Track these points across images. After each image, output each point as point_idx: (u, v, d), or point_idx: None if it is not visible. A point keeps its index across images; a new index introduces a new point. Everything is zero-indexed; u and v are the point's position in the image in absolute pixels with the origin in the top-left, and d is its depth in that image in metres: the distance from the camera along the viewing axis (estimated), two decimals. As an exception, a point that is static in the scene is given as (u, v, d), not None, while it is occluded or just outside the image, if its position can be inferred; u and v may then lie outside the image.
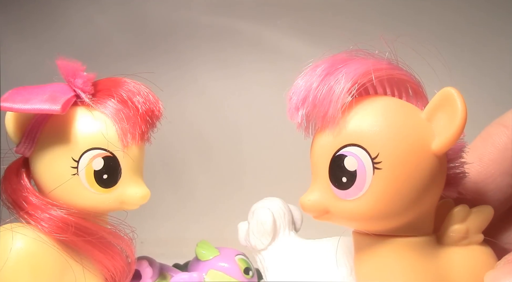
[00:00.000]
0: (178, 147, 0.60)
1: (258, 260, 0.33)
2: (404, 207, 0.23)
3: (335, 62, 0.24)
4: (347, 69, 0.23)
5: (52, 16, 0.59)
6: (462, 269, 0.24)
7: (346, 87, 0.23)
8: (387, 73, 0.24)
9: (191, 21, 0.60)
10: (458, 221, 0.24)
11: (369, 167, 0.22)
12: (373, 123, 0.23)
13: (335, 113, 0.23)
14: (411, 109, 0.24)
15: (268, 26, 0.60)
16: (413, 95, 0.24)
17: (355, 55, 0.24)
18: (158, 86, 0.30)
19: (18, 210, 0.28)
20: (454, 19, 0.57)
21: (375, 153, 0.22)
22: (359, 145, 0.23)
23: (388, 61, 0.24)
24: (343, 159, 0.23)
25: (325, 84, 0.23)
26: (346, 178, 0.23)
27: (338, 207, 0.24)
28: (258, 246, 0.33)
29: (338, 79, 0.23)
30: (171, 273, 0.33)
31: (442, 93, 0.23)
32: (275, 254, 0.32)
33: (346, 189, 0.23)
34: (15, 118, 0.28)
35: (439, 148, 0.22)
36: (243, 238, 0.34)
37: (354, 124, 0.23)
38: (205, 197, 0.60)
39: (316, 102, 0.23)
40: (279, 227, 0.33)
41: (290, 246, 0.32)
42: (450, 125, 0.22)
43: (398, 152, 0.22)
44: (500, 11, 0.56)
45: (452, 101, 0.22)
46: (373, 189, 0.22)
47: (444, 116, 0.22)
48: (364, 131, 0.23)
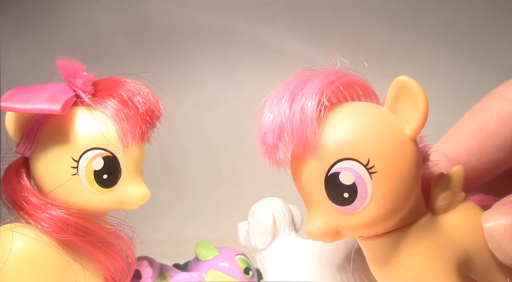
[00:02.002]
0: (178, 147, 0.60)
1: (258, 260, 0.33)
2: (406, 196, 0.23)
3: (293, 89, 0.24)
4: (308, 88, 0.24)
5: (52, 16, 0.59)
6: (464, 227, 0.25)
7: (314, 108, 0.23)
8: (340, 82, 0.24)
9: (191, 21, 0.60)
10: (442, 189, 0.25)
11: (365, 175, 0.23)
12: (353, 132, 0.23)
13: (315, 136, 0.23)
14: (374, 107, 0.24)
15: (268, 26, 0.60)
16: (363, 95, 0.25)
17: (307, 76, 0.25)
18: (158, 86, 0.30)
19: (18, 210, 0.28)
20: (453, 19, 0.57)
21: (366, 160, 0.23)
22: (348, 158, 0.23)
23: (333, 71, 0.25)
24: (337, 176, 0.23)
25: (295, 113, 0.23)
26: (348, 193, 0.23)
27: (349, 223, 0.24)
28: (258, 246, 0.33)
29: (303, 104, 0.23)
30: (171, 273, 0.33)
31: (395, 84, 0.23)
32: (275, 254, 0.32)
33: (351, 203, 0.23)
34: (15, 118, 0.28)
35: (413, 132, 0.23)
36: (243, 238, 0.34)
37: (335, 139, 0.23)
38: (205, 197, 0.60)
39: (295, 133, 0.23)
40: (279, 227, 0.33)
41: (290, 246, 0.32)
42: (416, 109, 0.23)
43: (385, 149, 0.23)
44: (500, 10, 0.56)
45: (407, 87, 0.23)
46: (377, 192, 0.23)
47: (406, 103, 0.23)
48: (348, 142, 0.23)
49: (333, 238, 0.24)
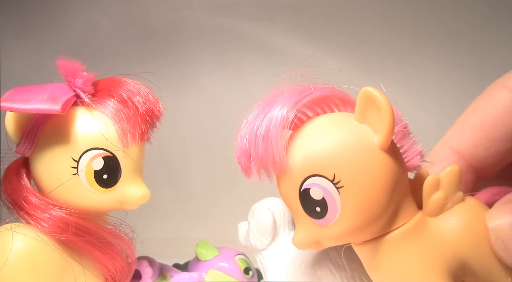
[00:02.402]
0: (178, 147, 0.60)
1: (258, 260, 0.33)
2: (381, 207, 0.23)
3: (261, 108, 0.25)
4: (274, 109, 0.24)
5: (52, 16, 0.59)
6: (459, 229, 0.25)
7: (280, 127, 0.24)
8: (311, 98, 0.24)
9: (191, 21, 0.60)
10: (433, 191, 0.25)
11: (333, 190, 0.23)
12: (318, 149, 0.23)
13: (281, 157, 0.24)
14: (344, 118, 0.24)
15: (268, 26, 0.60)
16: (341, 105, 0.25)
17: (274, 95, 0.25)
18: (158, 86, 0.30)
19: (18, 210, 0.28)
20: (453, 21, 0.57)
21: (332, 175, 0.23)
22: (315, 174, 0.23)
23: (305, 87, 0.25)
24: (308, 192, 0.24)
25: (260, 134, 0.24)
26: (319, 207, 0.24)
27: (326, 235, 0.24)
28: (258, 246, 0.33)
29: (269, 123, 0.24)
30: (171, 273, 0.33)
31: (360, 95, 0.23)
32: (275, 254, 0.32)
33: (323, 217, 0.24)
34: (15, 118, 0.28)
35: (382, 142, 0.23)
36: (243, 238, 0.34)
37: (301, 157, 0.24)
38: (205, 197, 0.60)
39: (260, 156, 0.24)
40: (279, 227, 0.33)
41: (290, 246, 0.32)
42: (382, 119, 0.23)
43: (350, 164, 0.23)
44: (500, 12, 0.56)
45: (372, 98, 0.23)
46: (346, 206, 0.23)
47: (372, 114, 0.23)
48: (313, 160, 0.23)
49: (316, 248, 0.25)
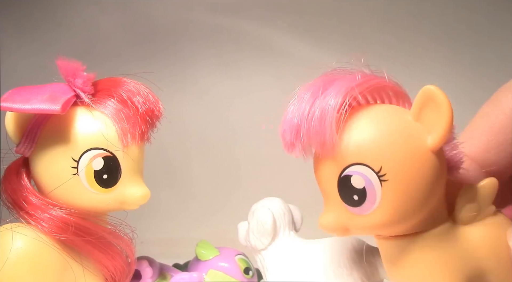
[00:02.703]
0: (178, 147, 0.60)
1: (258, 260, 0.33)
2: (417, 206, 0.23)
3: (315, 90, 0.24)
4: (331, 92, 0.24)
5: (52, 16, 0.59)
6: (485, 242, 0.25)
7: (336, 110, 0.23)
8: (368, 85, 0.24)
9: (192, 21, 0.60)
10: (467, 200, 0.25)
11: (376, 182, 0.23)
12: (369, 139, 0.23)
13: (332, 138, 0.23)
14: (400, 113, 0.24)
15: (268, 26, 0.60)
16: (393, 96, 0.25)
17: (332, 77, 0.25)
18: (158, 86, 0.30)
19: (18, 210, 0.28)
20: (454, 21, 0.57)
21: (378, 167, 0.23)
22: (361, 163, 0.23)
23: (362, 74, 0.25)
24: (349, 179, 0.23)
25: (314, 113, 0.24)
26: (357, 196, 0.23)
27: (357, 223, 0.24)
28: (258, 246, 0.33)
29: (325, 106, 0.23)
30: (171, 273, 0.33)
31: (422, 93, 0.23)
32: (275, 254, 0.32)
33: (359, 205, 0.24)
34: (15, 118, 0.28)
35: (435, 144, 0.23)
36: (243, 238, 0.34)
37: (351, 143, 0.23)
38: (205, 197, 0.60)
39: (311, 134, 0.24)
40: (279, 227, 0.33)
41: (290, 246, 0.32)
42: (440, 120, 0.23)
43: (399, 159, 0.23)
44: (501, 11, 0.56)
45: (435, 98, 0.23)
46: (385, 199, 0.23)
47: (431, 113, 0.23)
48: (363, 148, 0.23)
49: (342, 233, 0.25)
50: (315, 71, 0.25)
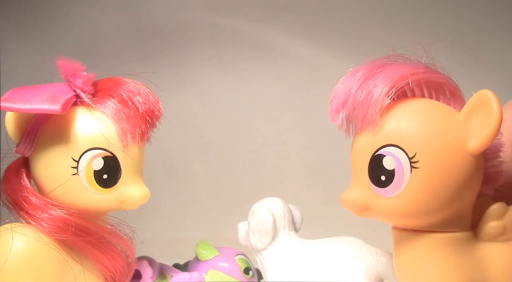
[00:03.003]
0: (178, 147, 0.60)
1: (258, 260, 0.33)
2: (440, 204, 0.24)
3: (373, 67, 0.25)
4: (385, 74, 0.24)
5: (52, 16, 0.59)
6: (501, 264, 0.25)
7: (385, 91, 0.24)
8: (424, 77, 0.25)
9: (191, 21, 0.60)
10: (495, 218, 0.25)
11: (406, 166, 0.23)
12: (411, 124, 0.24)
13: (374, 115, 0.24)
14: (448, 111, 0.25)
15: (268, 26, 0.60)
16: (450, 97, 0.25)
17: (392, 60, 0.25)
18: (158, 86, 0.30)
19: (18, 210, 0.28)
20: (453, 21, 0.57)
21: (413, 153, 0.23)
22: (397, 145, 0.24)
23: (425, 65, 0.25)
24: (381, 158, 0.24)
25: (364, 88, 0.24)
26: (385, 177, 0.24)
27: (378, 204, 0.25)
28: (258, 246, 0.33)
29: (376, 83, 0.24)
30: (171, 273, 0.33)
31: (477, 96, 0.23)
32: (275, 254, 0.32)
33: (385, 187, 0.24)
34: (15, 118, 0.28)
35: (475, 148, 0.23)
36: (243, 238, 0.34)
37: (392, 125, 0.24)
38: (205, 197, 0.60)
39: (356, 105, 0.24)
40: (279, 227, 0.33)
41: (290, 246, 0.32)
42: (486, 126, 0.23)
43: (435, 151, 0.23)
44: (500, 11, 0.56)
45: (488, 103, 0.23)
46: (411, 187, 0.23)
47: (480, 118, 0.23)
48: (401, 132, 0.24)
49: (360, 211, 0.26)
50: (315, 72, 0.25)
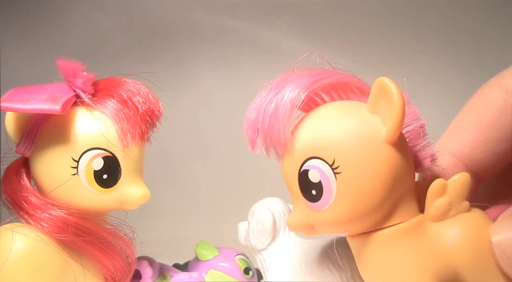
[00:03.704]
0: (178, 147, 0.60)
1: (258, 260, 0.33)
2: (377, 201, 0.23)
3: (274, 85, 0.25)
4: (287, 88, 0.24)
5: (52, 16, 0.59)
6: (457, 239, 0.24)
7: (291, 107, 0.24)
8: (328, 81, 0.24)
9: (191, 21, 0.60)
10: (437, 195, 0.25)
11: (330, 174, 0.23)
12: (322, 132, 0.23)
13: (286, 135, 0.24)
14: (356, 107, 0.24)
15: (268, 26, 0.60)
16: (359, 93, 0.25)
17: (292, 74, 0.25)
18: (158, 86, 0.30)
19: (18, 210, 0.28)
20: (453, 17, 0.57)
21: (331, 160, 0.23)
22: (315, 156, 0.23)
23: (325, 70, 0.25)
24: (307, 173, 0.24)
25: (270, 109, 0.24)
26: (315, 191, 0.24)
27: (318, 220, 0.24)
28: (258, 246, 0.33)
29: (279, 101, 0.24)
30: (171, 273, 0.33)
31: (375, 84, 0.23)
32: (275, 254, 0.32)
33: (318, 200, 0.24)
34: (15, 118, 0.28)
35: (388, 136, 0.23)
36: (243, 238, 0.34)
37: (306, 138, 0.24)
38: (205, 197, 0.60)
39: (266, 131, 0.24)
40: (279, 227, 0.33)
41: (290, 246, 0.32)
42: (391, 112, 0.23)
43: (351, 151, 0.23)
44: (500, 7, 0.56)
45: (386, 88, 0.23)
46: (341, 193, 0.23)
47: (384, 105, 0.23)
48: (316, 142, 0.23)
49: (309, 232, 0.25)
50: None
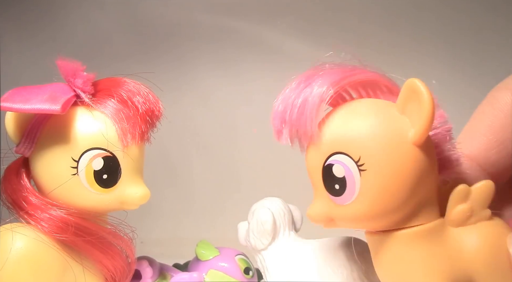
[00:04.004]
0: (178, 147, 0.60)
1: (258, 260, 0.33)
2: (399, 200, 0.23)
3: (305, 78, 0.25)
4: (317, 82, 0.24)
5: (52, 15, 0.59)
6: (476, 247, 0.25)
7: (318, 99, 0.24)
8: (357, 78, 0.25)
9: (191, 21, 0.60)
10: (460, 201, 0.25)
11: (355, 171, 0.23)
12: (350, 128, 0.24)
13: (313, 128, 0.24)
14: (384, 106, 0.24)
15: (268, 26, 0.60)
16: (387, 92, 0.25)
17: (322, 69, 0.25)
18: (158, 86, 0.30)
19: (18, 210, 0.28)
20: (454, 18, 0.57)
21: (357, 156, 0.23)
22: (341, 152, 0.24)
23: (355, 66, 0.25)
24: (331, 168, 0.24)
25: (298, 102, 0.24)
26: (338, 185, 0.24)
27: (339, 214, 0.25)
28: (258, 246, 0.33)
29: (308, 95, 0.24)
30: (171, 273, 0.33)
31: (406, 85, 0.23)
32: (275, 254, 0.32)
33: (340, 195, 0.24)
34: (15, 118, 0.28)
35: (416, 137, 0.23)
36: (243, 238, 0.34)
37: (333, 133, 0.24)
38: (205, 197, 0.60)
39: (294, 122, 0.24)
40: (279, 227, 0.33)
41: (290, 246, 0.32)
42: (420, 114, 0.23)
43: (378, 150, 0.23)
44: (501, 9, 0.56)
45: (417, 90, 0.23)
46: (364, 190, 0.23)
47: (414, 106, 0.23)
48: (343, 137, 0.24)
49: (327, 224, 0.25)
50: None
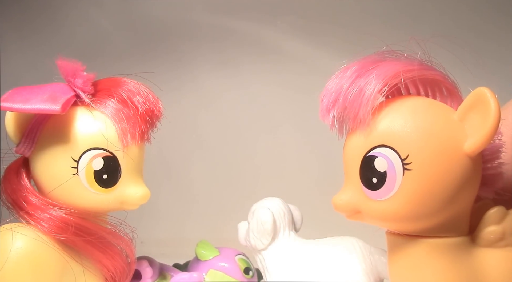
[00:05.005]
0: (178, 147, 0.60)
1: (258, 260, 0.33)
2: (435, 208, 0.23)
3: (366, 64, 0.24)
4: (377, 71, 0.23)
5: (52, 16, 0.59)
6: (499, 271, 0.24)
7: (377, 88, 0.23)
8: (419, 74, 0.23)
9: (191, 21, 0.60)
10: (494, 222, 0.24)
11: (399, 168, 0.22)
12: (403, 124, 0.23)
13: (365, 115, 0.23)
14: (443, 110, 0.23)
15: (268, 26, 0.60)
16: (447, 95, 0.24)
17: (386, 57, 0.24)
18: (158, 86, 0.30)
19: (18, 210, 0.28)
20: (454, 21, 0.57)
21: (405, 154, 0.22)
22: (389, 146, 0.23)
23: (420, 61, 0.24)
24: (373, 160, 0.23)
25: (355, 85, 0.23)
26: (377, 179, 0.23)
27: (369, 208, 0.24)
28: (258, 246, 0.33)
29: (368, 81, 0.23)
30: (171, 273, 0.33)
31: (474, 93, 0.22)
32: (275, 254, 0.32)
33: (376, 189, 0.23)
34: (15, 118, 0.28)
35: (472, 149, 0.22)
36: (243, 238, 0.34)
37: (384, 125, 0.23)
38: (205, 197, 0.60)
39: (347, 104, 0.23)
40: (279, 227, 0.33)
41: (290, 246, 0.32)
42: (483, 126, 0.22)
43: (429, 153, 0.22)
44: (501, 12, 0.56)
45: (485, 101, 0.22)
46: (404, 190, 0.22)
47: (477, 117, 0.22)
48: (394, 132, 0.23)
49: (352, 215, 0.25)
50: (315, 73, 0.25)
